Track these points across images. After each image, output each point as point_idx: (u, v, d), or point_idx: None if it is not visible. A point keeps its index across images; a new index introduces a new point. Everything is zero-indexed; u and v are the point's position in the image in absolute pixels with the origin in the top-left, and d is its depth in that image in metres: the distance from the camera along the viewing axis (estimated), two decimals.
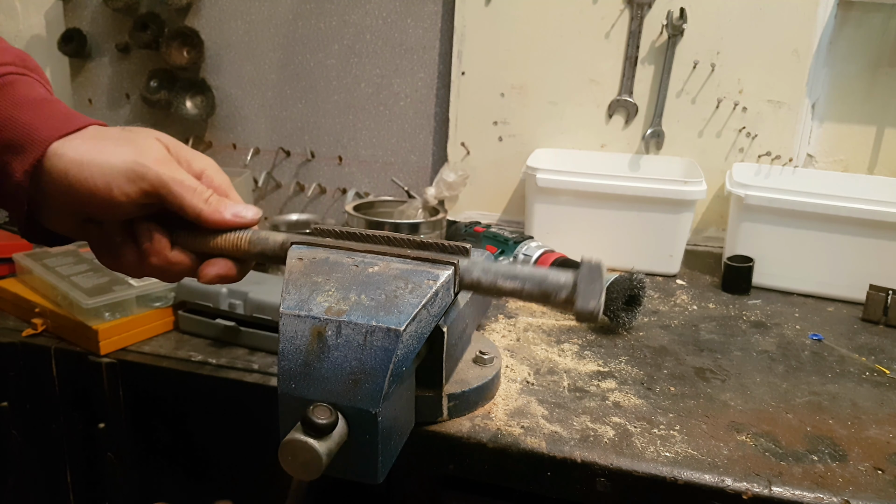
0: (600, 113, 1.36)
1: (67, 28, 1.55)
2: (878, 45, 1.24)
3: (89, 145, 0.54)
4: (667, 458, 0.64)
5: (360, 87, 1.46)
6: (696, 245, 1.36)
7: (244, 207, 0.60)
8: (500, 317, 0.96)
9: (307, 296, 0.55)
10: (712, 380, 0.81)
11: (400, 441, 0.58)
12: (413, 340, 0.54)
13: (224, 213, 0.59)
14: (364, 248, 0.61)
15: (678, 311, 1.03)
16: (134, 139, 0.56)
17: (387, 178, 1.48)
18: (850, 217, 1.03)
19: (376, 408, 0.50)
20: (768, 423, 0.71)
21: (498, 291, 0.57)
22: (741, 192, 1.08)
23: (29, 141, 0.52)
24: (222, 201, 0.59)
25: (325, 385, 0.51)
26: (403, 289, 0.55)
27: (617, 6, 1.29)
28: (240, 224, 0.60)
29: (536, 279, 0.56)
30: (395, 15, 1.40)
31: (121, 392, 0.88)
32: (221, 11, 1.48)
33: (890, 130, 1.27)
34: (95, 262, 1.02)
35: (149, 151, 0.55)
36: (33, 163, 0.52)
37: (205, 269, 0.59)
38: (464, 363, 0.73)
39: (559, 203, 1.17)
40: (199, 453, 0.89)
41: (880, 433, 0.71)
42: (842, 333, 0.97)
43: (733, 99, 1.29)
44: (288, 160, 1.52)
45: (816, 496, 0.60)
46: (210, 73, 1.52)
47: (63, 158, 0.52)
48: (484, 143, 1.42)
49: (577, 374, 0.81)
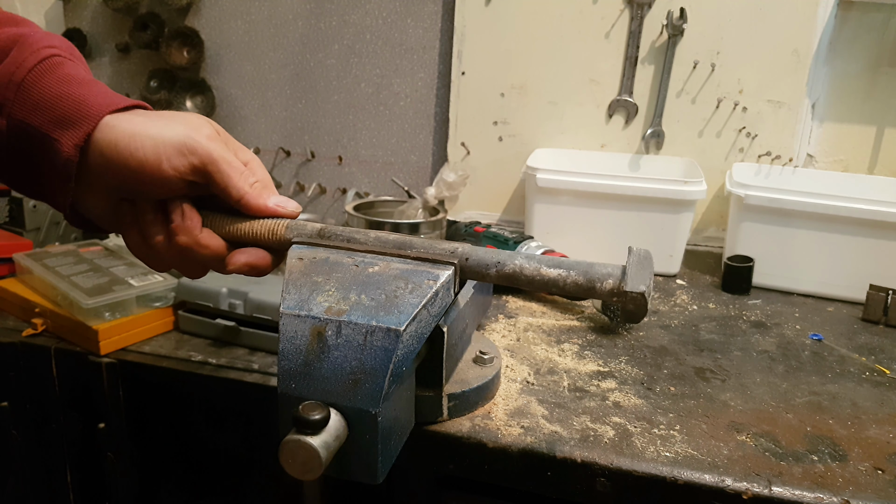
0: (600, 113, 1.36)
1: (67, 28, 1.55)
2: (878, 45, 1.24)
3: (141, 119, 0.54)
4: (667, 458, 0.64)
5: (360, 87, 1.46)
6: (696, 245, 1.36)
7: (286, 200, 0.61)
8: (500, 317, 0.96)
9: (307, 296, 0.55)
10: (712, 380, 0.81)
11: (400, 441, 0.58)
12: (413, 340, 0.54)
13: (267, 200, 0.59)
14: (363, 248, 0.61)
15: (678, 311, 1.03)
16: (186, 118, 0.56)
17: (387, 178, 1.48)
18: (850, 217, 1.03)
19: (376, 408, 0.50)
20: (768, 423, 0.71)
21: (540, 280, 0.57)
22: (741, 192, 1.08)
23: (81, 115, 0.52)
24: (266, 188, 0.60)
25: (325, 385, 0.51)
26: (403, 289, 0.55)
27: (617, 6, 1.29)
28: (280, 214, 0.60)
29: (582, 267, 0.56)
30: (395, 15, 1.40)
31: (121, 392, 0.88)
32: (221, 11, 1.48)
33: (890, 130, 1.27)
34: (95, 261, 1.02)
35: (201, 129, 0.56)
36: (84, 136, 0.52)
37: (235, 256, 0.59)
38: (464, 363, 0.73)
39: (559, 203, 1.17)
40: (199, 453, 0.89)
41: (880, 433, 0.71)
42: (842, 333, 0.97)
43: (733, 99, 1.29)
44: (288, 160, 1.52)
45: (816, 496, 0.60)
46: (210, 73, 1.52)
47: (115, 130, 0.53)
48: (484, 143, 1.42)
49: (577, 374, 0.81)
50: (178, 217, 0.57)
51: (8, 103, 0.53)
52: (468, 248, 0.60)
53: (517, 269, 0.58)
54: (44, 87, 0.53)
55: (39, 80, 0.53)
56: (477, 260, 0.59)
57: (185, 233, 0.57)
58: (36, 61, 0.53)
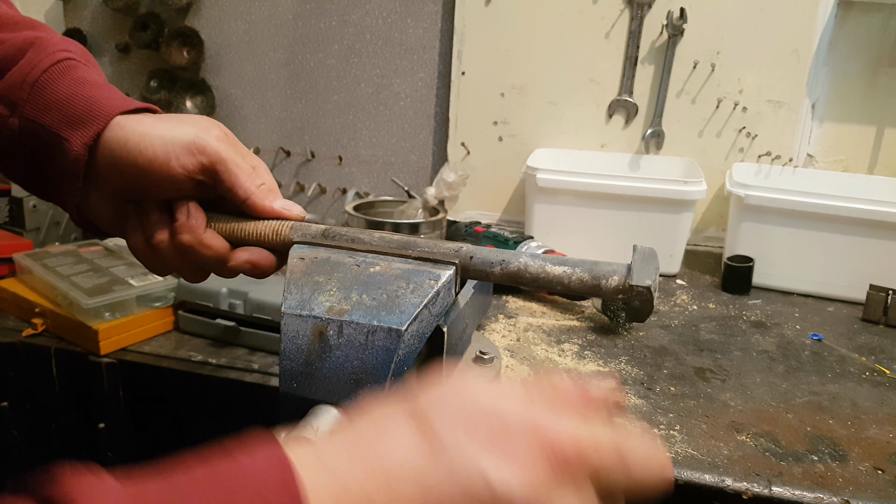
0: (600, 113, 1.36)
1: (67, 28, 1.55)
2: (878, 45, 1.24)
3: (151, 120, 0.55)
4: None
5: (360, 87, 1.46)
6: (696, 245, 1.36)
7: (291, 203, 0.61)
8: (500, 317, 0.96)
9: (309, 295, 0.55)
10: (712, 380, 0.81)
11: None
12: (414, 340, 0.54)
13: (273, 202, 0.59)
14: (364, 248, 0.61)
15: (678, 311, 1.03)
16: (195, 120, 0.57)
17: (387, 178, 1.48)
18: (850, 217, 1.03)
19: None
20: (768, 423, 0.71)
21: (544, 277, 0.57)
22: (741, 192, 1.08)
23: (92, 115, 0.54)
24: (272, 192, 0.60)
25: (326, 385, 0.51)
26: (405, 288, 0.55)
27: (617, 6, 1.30)
28: (286, 216, 0.60)
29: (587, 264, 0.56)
30: (395, 15, 1.40)
31: (121, 392, 0.88)
32: (221, 11, 1.48)
33: (890, 130, 1.27)
34: (96, 261, 1.02)
35: (210, 130, 0.57)
36: (94, 135, 0.53)
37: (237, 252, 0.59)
38: (464, 363, 0.73)
39: (559, 203, 1.17)
40: (199, 453, 0.89)
41: (880, 433, 0.71)
42: (842, 333, 0.97)
43: (733, 99, 1.29)
44: (288, 160, 1.53)
45: (816, 496, 0.60)
46: (210, 73, 1.52)
47: (125, 129, 0.54)
48: (484, 143, 1.42)
49: (577, 374, 0.81)
50: (182, 215, 0.58)
51: (21, 103, 0.54)
52: (472, 247, 0.60)
53: (521, 267, 0.58)
54: (57, 88, 0.54)
55: (53, 81, 0.54)
56: (481, 258, 0.59)
57: (189, 231, 0.58)
58: (50, 63, 0.55)
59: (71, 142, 0.53)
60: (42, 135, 0.54)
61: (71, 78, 0.55)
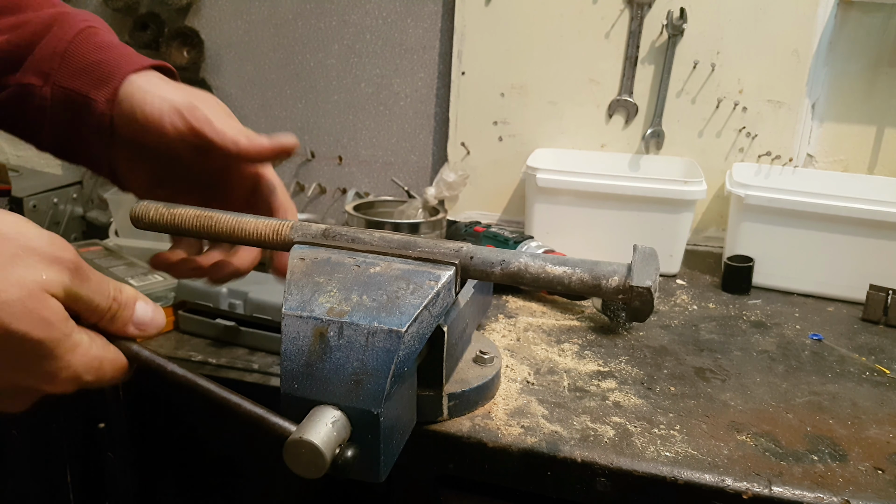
0: (600, 113, 1.36)
1: None
2: (878, 45, 1.24)
3: (157, 80, 0.60)
4: (667, 457, 0.64)
5: (360, 87, 1.46)
6: (696, 245, 1.36)
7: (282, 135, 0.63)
8: (500, 317, 0.96)
9: (309, 296, 0.55)
10: (712, 380, 0.81)
11: (401, 440, 0.58)
12: (414, 341, 0.54)
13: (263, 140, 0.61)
14: (365, 248, 0.61)
15: (678, 310, 1.03)
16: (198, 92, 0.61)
17: (387, 178, 1.48)
18: (850, 217, 1.03)
19: (378, 408, 0.50)
20: (768, 423, 0.71)
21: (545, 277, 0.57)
22: (741, 192, 1.08)
23: (112, 74, 0.59)
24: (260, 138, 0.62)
25: (327, 385, 0.51)
26: (405, 289, 0.55)
27: (617, 6, 1.30)
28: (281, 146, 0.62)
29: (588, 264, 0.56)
30: (395, 15, 1.40)
31: (121, 392, 0.88)
32: (221, 11, 1.48)
33: (890, 130, 1.27)
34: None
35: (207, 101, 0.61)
36: (113, 91, 0.58)
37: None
38: (464, 363, 0.73)
39: (559, 203, 1.17)
40: (198, 453, 0.89)
41: (880, 433, 0.71)
42: (842, 333, 0.97)
43: (733, 99, 1.29)
44: (288, 160, 1.52)
45: (816, 496, 0.60)
46: (210, 73, 1.52)
47: (132, 85, 0.59)
48: (484, 143, 1.42)
49: (577, 373, 0.81)
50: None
51: (53, 72, 0.59)
52: (472, 247, 0.60)
53: (522, 267, 0.58)
54: (83, 54, 0.60)
55: (78, 48, 0.60)
56: (482, 258, 0.60)
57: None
58: (75, 32, 0.60)
59: (97, 101, 0.58)
60: (74, 99, 0.59)
61: (94, 43, 0.60)
